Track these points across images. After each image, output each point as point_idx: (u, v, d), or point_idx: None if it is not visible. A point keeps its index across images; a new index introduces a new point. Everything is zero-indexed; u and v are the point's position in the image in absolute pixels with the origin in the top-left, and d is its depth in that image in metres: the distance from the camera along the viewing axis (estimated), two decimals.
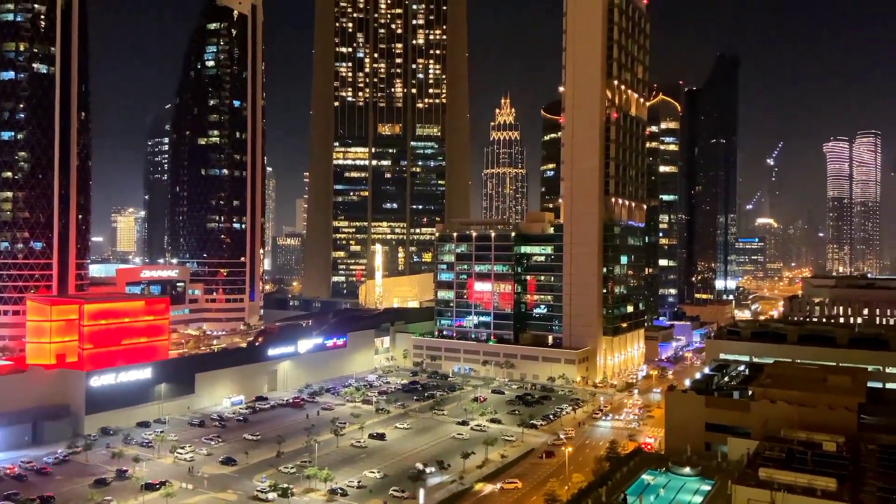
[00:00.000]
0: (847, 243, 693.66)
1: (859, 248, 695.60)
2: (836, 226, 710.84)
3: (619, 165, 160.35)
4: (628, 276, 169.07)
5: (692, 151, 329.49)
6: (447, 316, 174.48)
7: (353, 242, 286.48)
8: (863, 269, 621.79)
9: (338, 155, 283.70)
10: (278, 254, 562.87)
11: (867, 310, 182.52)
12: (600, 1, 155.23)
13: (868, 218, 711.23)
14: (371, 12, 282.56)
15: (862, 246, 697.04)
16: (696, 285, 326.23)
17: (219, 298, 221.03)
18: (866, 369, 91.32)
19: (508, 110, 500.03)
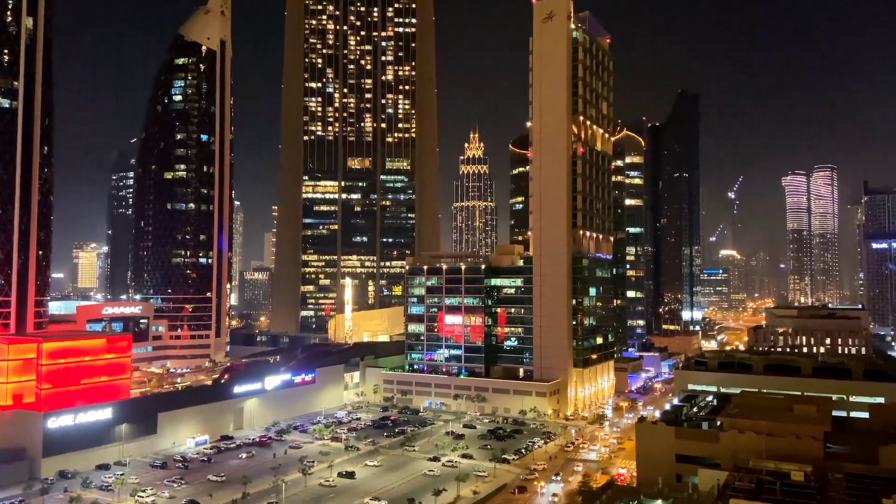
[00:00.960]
0: (807, 274, 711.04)
1: (819, 278, 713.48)
2: (796, 257, 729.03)
3: (586, 199, 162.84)
4: (597, 307, 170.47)
5: (656, 185, 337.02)
6: (418, 350, 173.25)
7: (322, 276, 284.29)
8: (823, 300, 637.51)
9: (307, 188, 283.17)
10: (246, 288, 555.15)
11: (829, 339, 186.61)
12: (564, 40, 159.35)
13: (827, 249, 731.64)
14: (340, 48, 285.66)
15: (822, 277, 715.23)
16: (663, 316, 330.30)
17: (183, 335, 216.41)
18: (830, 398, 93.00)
19: (477, 144, 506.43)
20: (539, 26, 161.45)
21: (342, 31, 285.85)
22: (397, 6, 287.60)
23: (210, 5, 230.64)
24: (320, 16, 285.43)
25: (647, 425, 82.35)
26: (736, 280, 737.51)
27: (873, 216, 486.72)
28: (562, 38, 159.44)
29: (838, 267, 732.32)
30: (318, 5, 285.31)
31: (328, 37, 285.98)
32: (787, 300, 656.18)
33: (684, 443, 73.67)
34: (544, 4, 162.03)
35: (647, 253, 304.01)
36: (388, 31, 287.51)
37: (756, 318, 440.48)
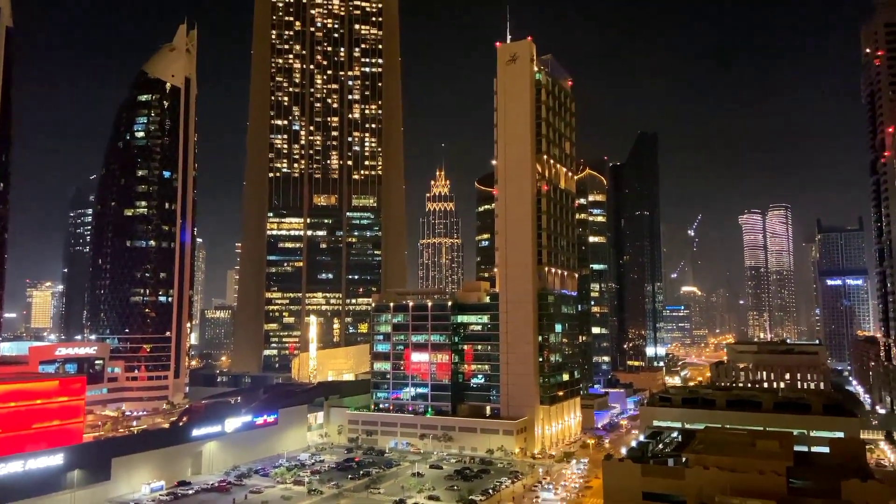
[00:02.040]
0: (766, 310, 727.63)
1: (777, 314, 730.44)
2: (754, 293, 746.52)
3: (550, 236, 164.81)
4: (563, 344, 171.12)
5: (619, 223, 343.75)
6: (384, 388, 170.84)
7: (286, 314, 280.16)
8: (782, 335, 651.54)
9: (272, 225, 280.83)
10: (207, 327, 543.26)
11: (788, 374, 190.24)
12: (528, 82, 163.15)
13: (783, 286, 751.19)
14: (307, 87, 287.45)
15: (780, 312, 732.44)
16: (628, 352, 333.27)
17: (140, 376, 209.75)
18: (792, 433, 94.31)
19: (444, 182, 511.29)
20: (503, 68, 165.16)
21: (309, 70, 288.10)
22: (364, 47, 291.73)
23: (175, 43, 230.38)
24: (287, 55, 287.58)
25: (614, 463, 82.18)
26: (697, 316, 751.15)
27: (827, 254, 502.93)
28: (525, 80, 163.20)
29: (795, 303, 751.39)
30: (284, 44, 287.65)
31: (295, 75, 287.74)
32: (747, 336, 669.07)
33: (651, 480, 73.65)
34: (508, 47, 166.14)
35: (611, 289, 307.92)
36: (355, 71, 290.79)
37: (717, 354, 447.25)
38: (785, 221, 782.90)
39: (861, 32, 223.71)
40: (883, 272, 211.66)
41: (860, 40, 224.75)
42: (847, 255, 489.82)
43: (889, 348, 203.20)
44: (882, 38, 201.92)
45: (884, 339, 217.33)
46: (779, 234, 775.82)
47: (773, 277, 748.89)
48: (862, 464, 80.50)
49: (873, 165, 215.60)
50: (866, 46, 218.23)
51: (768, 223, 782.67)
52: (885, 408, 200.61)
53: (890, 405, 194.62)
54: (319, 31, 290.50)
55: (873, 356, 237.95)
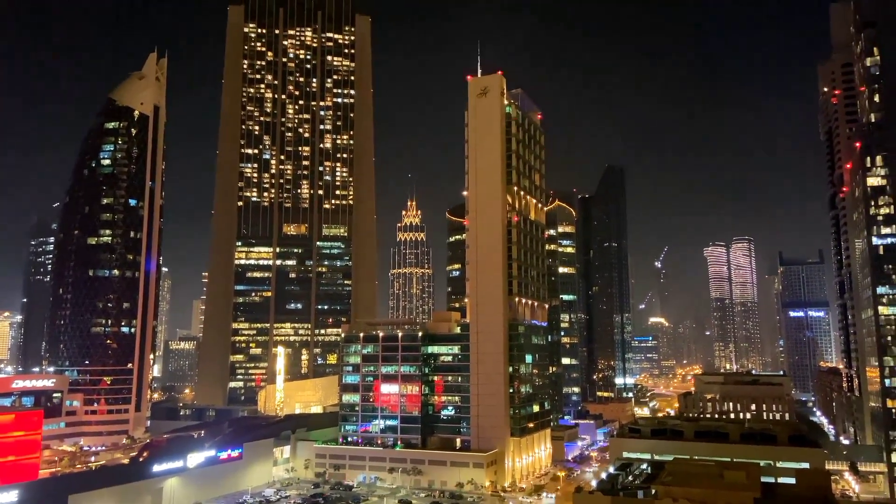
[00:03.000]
0: (731, 341, 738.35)
1: (742, 345, 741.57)
2: (720, 325, 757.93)
3: (521, 266, 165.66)
4: (534, 374, 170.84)
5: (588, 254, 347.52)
6: (352, 421, 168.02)
7: (253, 345, 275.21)
8: (747, 366, 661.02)
9: (240, 255, 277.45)
10: (171, 359, 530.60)
11: (754, 405, 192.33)
12: (498, 115, 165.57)
13: (748, 317, 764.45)
14: (279, 116, 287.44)
15: (745, 344, 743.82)
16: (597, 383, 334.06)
17: (100, 410, 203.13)
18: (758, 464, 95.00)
19: (415, 212, 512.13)
20: (474, 101, 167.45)
21: (280, 100, 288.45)
22: (336, 78, 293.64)
23: (145, 71, 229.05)
24: (259, 84, 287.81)
25: (585, 496, 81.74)
26: (665, 347, 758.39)
27: (789, 286, 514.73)
28: (496, 113, 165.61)
29: (759, 334, 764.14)
30: (256, 74, 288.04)
31: (266, 105, 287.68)
32: (714, 366, 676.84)
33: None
34: (479, 81, 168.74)
35: (580, 320, 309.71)
36: (327, 101, 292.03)
37: (685, 385, 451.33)
38: (748, 254, 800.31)
39: (819, 72, 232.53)
40: (844, 304, 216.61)
41: (818, 79, 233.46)
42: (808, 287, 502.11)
43: (851, 379, 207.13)
44: (839, 78, 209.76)
45: (846, 370, 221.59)
46: (742, 266, 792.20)
47: (737, 309, 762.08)
48: (827, 495, 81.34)
49: (832, 200, 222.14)
50: (824, 85, 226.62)
51: (732, 255, 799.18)
52: (849, 438, 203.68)
53: (854, 436, 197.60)
54: (292, 62, 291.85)
55: (836, 387, 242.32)
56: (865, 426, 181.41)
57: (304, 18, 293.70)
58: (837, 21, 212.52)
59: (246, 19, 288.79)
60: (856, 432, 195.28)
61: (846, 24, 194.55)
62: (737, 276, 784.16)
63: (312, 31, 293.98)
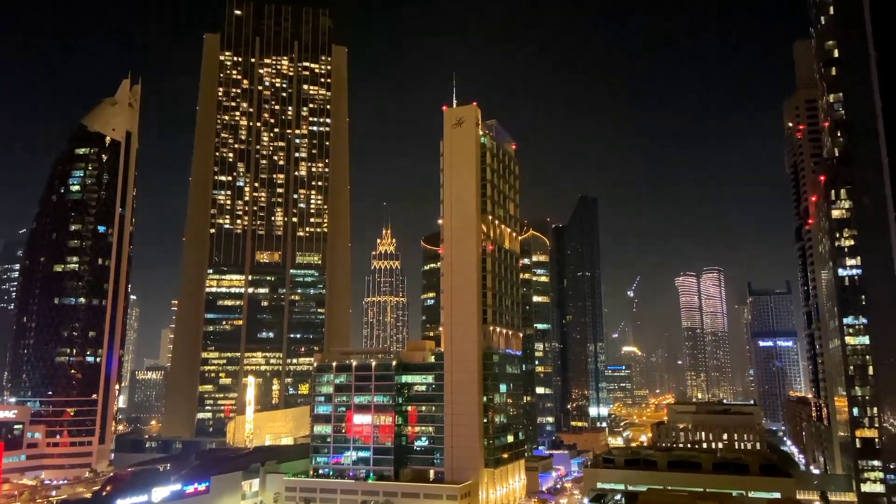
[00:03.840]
0: (703, 370, 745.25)
1: (714, 374, 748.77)
2: (691, 354, 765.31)
3: (495, 295, 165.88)
4: (508, 404, 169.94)
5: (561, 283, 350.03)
6: (324, 453, 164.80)
7: (223, 375, 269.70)
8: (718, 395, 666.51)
9: (211, 282, 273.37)
10: (137, 389, 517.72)
11: (726, 434, 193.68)
12: (473, 145, 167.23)
13: (718, 347, 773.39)
14: (253, 144, 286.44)
15: (716, 373, 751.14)
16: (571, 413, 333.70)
17: (63, 442, 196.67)
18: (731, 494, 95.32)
19: (390, 240, 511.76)
20: (450, 131, 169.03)
21: (255, 128, 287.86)
22: (312, 106, 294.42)
23: (118, 97, 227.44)
24: (234, 112, 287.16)
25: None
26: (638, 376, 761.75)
27: (758, 316, 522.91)
28: (471, 143, 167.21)
29: (730, 363, 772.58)
30: (231, 102, 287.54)
31: (241, 132, 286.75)
32: (686, 396, 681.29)
33: None
34: (455, 111, 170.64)
35: (554, 349, 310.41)
36: (303, 129, 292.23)
37: (658, 414, 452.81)
38: (718, 284, 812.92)
39: (784, 107, 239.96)
40: (811, 334, 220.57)
41: (783, 114, 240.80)
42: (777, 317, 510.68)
43: (820, 409, 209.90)
44: (803, 114, 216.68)
45: (815, 399, 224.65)
46: (713, 296, 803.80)
47: (708, 338, 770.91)
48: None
49: (798, 232, 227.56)
50: (789, 120, 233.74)
51: (703, 285, 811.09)
52: (819, 468, 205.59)
53: (824, 466, 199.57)
54: (267, 90, 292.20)
55: (806, 417, 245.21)
56: (835, 456, 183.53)
57: (280, 48, 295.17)
58: (801, 58, 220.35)
59: (222, 47, 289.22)
60: (825, 462, 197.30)
61: (810, 61, 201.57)
62: (707, 305, 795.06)
63: (289, 60, 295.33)
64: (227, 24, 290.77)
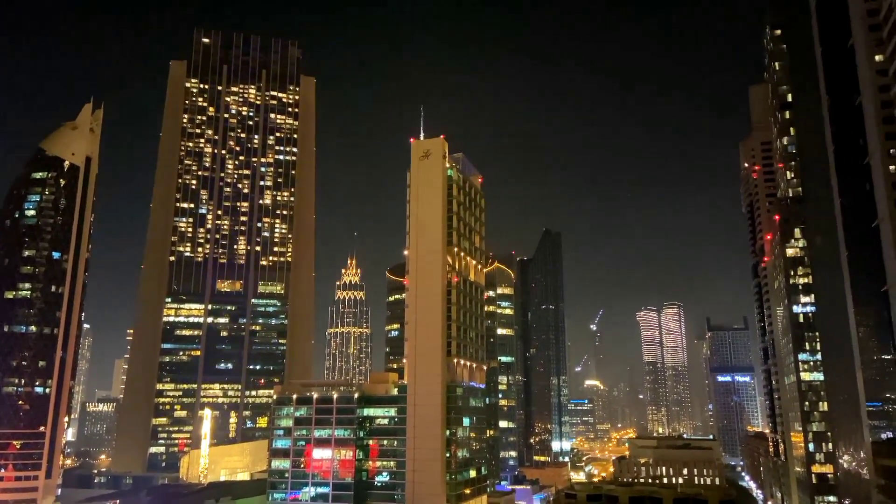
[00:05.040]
0: (664, 405, 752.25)
1: (674, 409, 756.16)
2: (652, 388, 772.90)
3: (460, 327, 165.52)
4: (471, 438, 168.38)
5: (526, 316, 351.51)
6: (281, 488, 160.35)
7: (178, 407, 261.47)
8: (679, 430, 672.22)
9: (169, 311, 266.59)
10: (87, 421, 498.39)
11: (686, 469, 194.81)
12: (440, 177, 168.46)
13: (679, 381, 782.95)
14: (217, 171, 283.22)
15: (676, 407, 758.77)
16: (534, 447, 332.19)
17: (7, 476, 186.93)
18: None
19: (354, 270, 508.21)
20: (416, 163, 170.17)
21: (220, 155, 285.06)
22: (279, 135, 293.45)
23: (79, 121, 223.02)
24: (198, 139, 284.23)
25: None
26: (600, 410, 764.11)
27: (717, 350, 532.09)
28: (438, 175, 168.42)
29: (690, 398, 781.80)
30: (196, 128, 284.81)
31: (205, 159, 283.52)
32: (647, 430, 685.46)
33: None
34: (422, 144, 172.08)
35: (518, 382, 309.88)
36: (269, 158, 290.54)
37: (620, 449, 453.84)
38: (678, 319, 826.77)
39: (740, 148, 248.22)
40: (768, 370, 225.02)
41: (739, 155, 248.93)
42: (735, 352, 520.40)
43: (777, 444, 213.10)
44: (759, 155, 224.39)
45: (772, 435, 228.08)
46: (673, 331, 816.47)
47: (669, 372, 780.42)
48: None
49: (755, 269, 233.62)
50: (745, 161, 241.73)
51: (663, 320, 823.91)
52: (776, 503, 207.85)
53: (781, 501, 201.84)
54: (233, 118, 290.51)
55: (763, 452, 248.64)
56: (792, 491, 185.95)
57: (248, 76, 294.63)
58: (756, 101, 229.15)
59: (188, 74, 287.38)
60: (782, 497, 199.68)
61: (765, 104, 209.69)
62: (668, 340, 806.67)
63: (256, 88, 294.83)
64: (195, 52, 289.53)
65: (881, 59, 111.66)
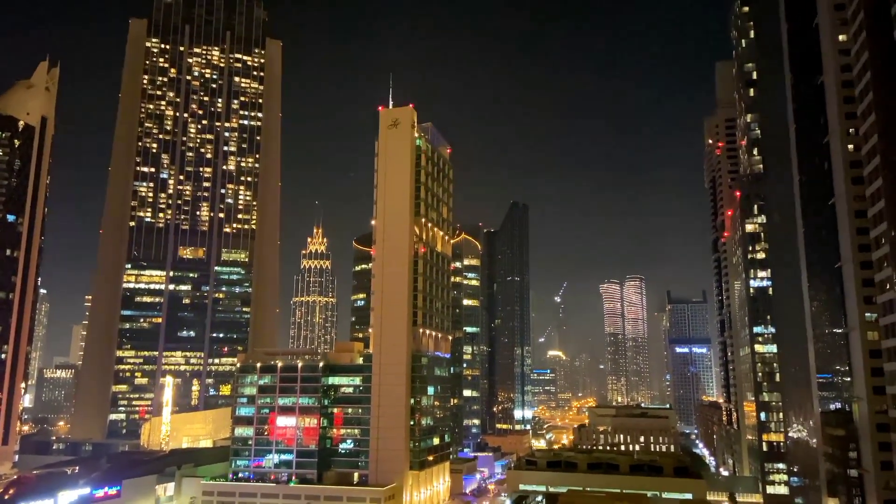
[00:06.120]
0: (623, 375, 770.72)
1: (633, 379, 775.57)
2: (613, 359, 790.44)
3: (426, 297, 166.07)
4: (435, 407, 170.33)
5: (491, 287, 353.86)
6: (244, 455, 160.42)
7: (139, 374, 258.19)
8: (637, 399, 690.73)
9: (129, 277, 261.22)
10: (45, 388, 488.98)
11: (643, 437, 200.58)
12: (409, 147, 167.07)
13: (639, 352, 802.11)
14: (179, 135, 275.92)
15: (635, 378, 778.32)
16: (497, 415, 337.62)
17: None
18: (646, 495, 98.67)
19: (321, 239, 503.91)
20: (385, 132, 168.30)
21: (182, 119, 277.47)
22: (243, 99, 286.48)
23: (34, 79, 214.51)
24: (159, 101, 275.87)
25: None
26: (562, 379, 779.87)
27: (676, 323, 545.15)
28: (406, 145, 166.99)
29: (649, 368, 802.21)
30: (157, 91, 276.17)
31: (166, 123, 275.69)
32: (607, 399, 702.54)
33: None
34: (390, 112, 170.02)
35: (482, 352, 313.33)
36: (233, 123, 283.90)
37: (580, 417, 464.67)
38: (640, 292, 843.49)
39: (705, 125, 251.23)
40: (724, 342, 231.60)
41: (704, 132, 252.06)
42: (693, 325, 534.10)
43: (730, 413, 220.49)
44: (723, 132, 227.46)
45: (725, 404, 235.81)
46: (635, 303, 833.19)
47: (629, 344, 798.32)
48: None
49: (715, 244, 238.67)
50: (709, 137, 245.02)
51: (625, 293, 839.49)
52: (728, 470, 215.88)
53: (732, 468, 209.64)
54: (196, 81, 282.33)
55: (717, 421, 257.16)
56: (743, 458, 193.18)
57: (211, 37, 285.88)
58: (722, 78, 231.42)
59: (148, 33, 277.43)
60: (734, 464, 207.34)
61: (730, 81, 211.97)
62: (629, 312, 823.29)
63: (220, 50, 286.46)
64: (155, 10, 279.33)
65: (844, 38, 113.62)
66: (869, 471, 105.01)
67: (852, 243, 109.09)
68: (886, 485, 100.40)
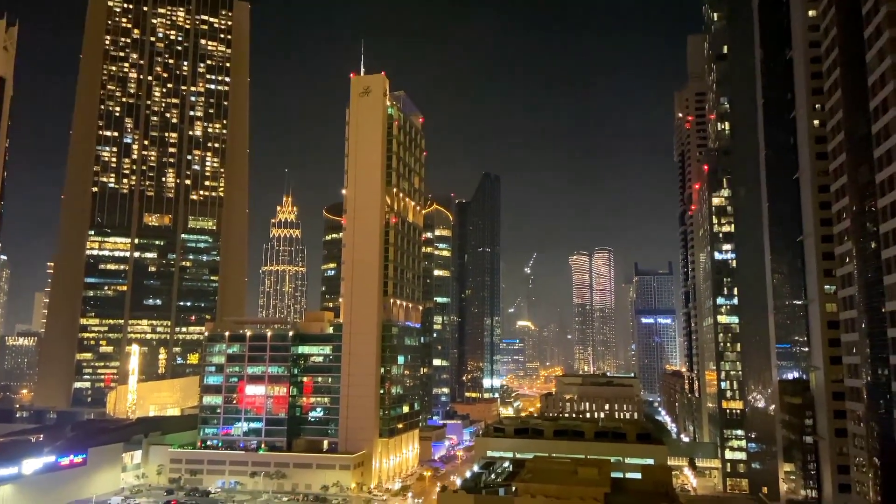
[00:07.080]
0: (590, 344, 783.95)
1: (600, 349, 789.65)
2: (581, 329, 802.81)
3: (397, 268, 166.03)
4: (405, 376, 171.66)
5: (462, 258, 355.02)
6: (213, 424, 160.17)
7: (103, 343, 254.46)
8: (603, 368, 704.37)
9: (93, 244, 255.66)
10: (7, 355, 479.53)
11: (608, 405, 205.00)
12: (380, 115, 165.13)
13: (606, 323, 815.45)
14: (143, 98, 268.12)
15: (602, 347, 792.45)
16: (466, 384, 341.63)
17: None
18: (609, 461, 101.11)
19: (290, 208, 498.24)
20: (356, 99, 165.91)
21: (146, 81, 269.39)
22: (210, 63, 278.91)
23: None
24: (122, 62, 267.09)
25: (449, 494, 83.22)
26: (531, 349, 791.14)
27: (642, 294, 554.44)
28: (378, 113, 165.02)
29: (615, 338, 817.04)
30: (120, 52, 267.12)
31: (129, 85, 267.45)
32: (574, 368, 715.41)
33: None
34: (362, 80, 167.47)
35: (452, 322, 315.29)
36: (199, 87, 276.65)
37: (547, 386, 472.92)
38: (608, 263, 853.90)
39: (675, 98, 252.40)
40: (688, 313, 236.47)
41: (674, 105, 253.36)
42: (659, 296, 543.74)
43: (692, 382, 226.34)
44: (693, 105, 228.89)
45: (688, 373, 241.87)
46: (603, 274, 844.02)
47: (597, 314, 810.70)
48: (669, 489, 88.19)
49: (682, 216, 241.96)
50: (679, 111, 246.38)
51: (594, 264, 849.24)
52: (688, 436, 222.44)
53: (693, 434, 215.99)
54: (161, 42, 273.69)
55: (679, 389, 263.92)
56: (703, 425, 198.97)
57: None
58: (693, 52, 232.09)
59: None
60: (695, 431, 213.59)
61: (701, 55, 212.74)
62: (597, 283, 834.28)
63: (185, 11, 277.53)
64: None
65: (814, 14, 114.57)
66: (824, 438, 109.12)
67: (814, 217, 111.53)
68: (840, 451, 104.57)
